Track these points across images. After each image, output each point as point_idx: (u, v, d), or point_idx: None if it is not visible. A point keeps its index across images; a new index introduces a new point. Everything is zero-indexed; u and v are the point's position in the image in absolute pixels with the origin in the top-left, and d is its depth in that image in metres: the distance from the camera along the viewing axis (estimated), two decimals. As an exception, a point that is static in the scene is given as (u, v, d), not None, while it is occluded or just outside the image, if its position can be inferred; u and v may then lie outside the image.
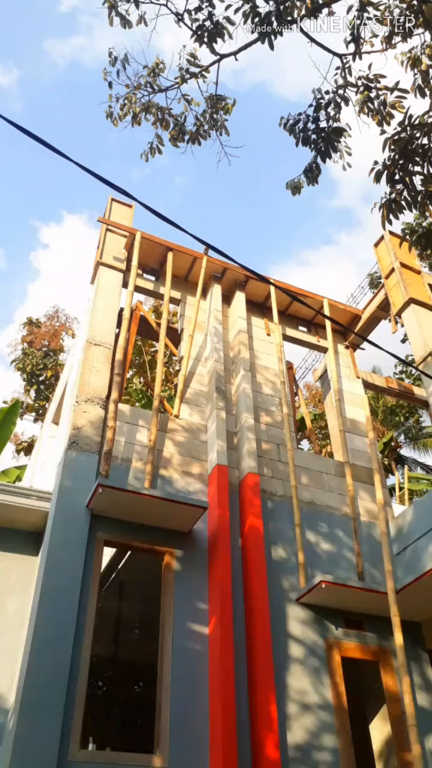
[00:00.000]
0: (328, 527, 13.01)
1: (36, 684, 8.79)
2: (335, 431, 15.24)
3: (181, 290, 15.55)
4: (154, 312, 31.23)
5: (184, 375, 13.78)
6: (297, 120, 10.23)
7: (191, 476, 12.34)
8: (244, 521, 11.94)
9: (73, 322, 39.06)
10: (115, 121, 11.85)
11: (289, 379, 16.23)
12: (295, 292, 15.99)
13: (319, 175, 10.35)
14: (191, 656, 10.22)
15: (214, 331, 14.57)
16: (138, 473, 11.79)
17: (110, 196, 16.01)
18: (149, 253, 15.34)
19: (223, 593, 10.62)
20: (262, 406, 14.16)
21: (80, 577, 9.95)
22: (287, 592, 11.70)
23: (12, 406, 21.83)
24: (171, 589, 10.76)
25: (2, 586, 10.81)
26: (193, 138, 11.96)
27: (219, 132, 12.03)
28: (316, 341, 16.78)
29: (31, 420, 35.91)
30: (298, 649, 11.12)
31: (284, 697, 10.45)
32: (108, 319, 13.65)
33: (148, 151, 11.94)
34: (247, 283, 15.91)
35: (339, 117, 10.26)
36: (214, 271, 15.72)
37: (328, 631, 11.63)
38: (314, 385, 37.32)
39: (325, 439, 31.86)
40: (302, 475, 13.50)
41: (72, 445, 11.37)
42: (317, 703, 10.68)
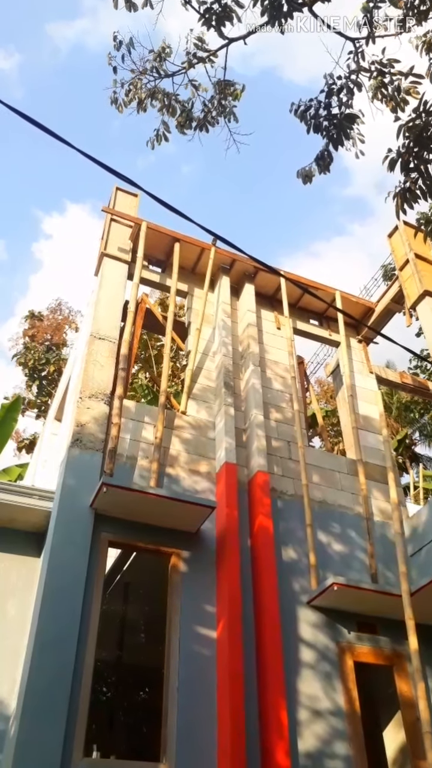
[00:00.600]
0: (341, 527, 13.01)
1: (38, 689, 8.80)
2: (348, 428, 15.22)
3: (188, 282, 15.56)
4: (160, 305, 31.22)
5: (192, 370, 13.77)
6: (308, 106, 10.21)
7: (198, 475, 12.34)
8: (253, 521, 11.93)
9: (77, 315, 39.13)
10: (120, 108, 11.84)
11: (300, 374, 16.21)
12: (306, 284, 15.99)
13: (330, 164, 10.33)
14: (198, 660, 10.22)
15: (222, 325, 14.57)
16: (143, 472, 11.80)
17: (115, 185, 16.02)
18: (155, 243, 15.33)
19: (232, 595, 10.62)
20: (272, 402, 14.16)
21: (83, 578, 9.96)
22: (298, 595, 11.70)
23: (13, 403, 21.88)
24: (177, 591, 10.76)
25: (3, 588, 10.82)
26: (201, 125, 11.94)
27: (227, 118, 12.01)
28: (328, 335, 16.76)
29: (32, 417, 36.01)
30: (309, 654, 11.12)
31: (295, 703, 10.44)
32: (112, 312, 13.66)
33: (154, 139, 11.92)
34: (256, 275, 15.89)
35: (351, 103, 10.23)
36: (222, 263, 15.70)
37: (340, 634, 11.63)
38: (326, 380, 37.30)
39: (338, 436, 31.81)
40: (314, 474, 13.49)
41: (75, 442, 11.37)
42: (329, 709, 10.68)
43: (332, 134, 10.17)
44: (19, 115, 6.34)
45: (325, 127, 10.19)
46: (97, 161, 6.77)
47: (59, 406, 17.01)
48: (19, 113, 6.36)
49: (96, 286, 14.30)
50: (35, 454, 20.37)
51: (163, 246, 15.47)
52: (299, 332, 16.44)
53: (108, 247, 14.66)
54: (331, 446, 28.11)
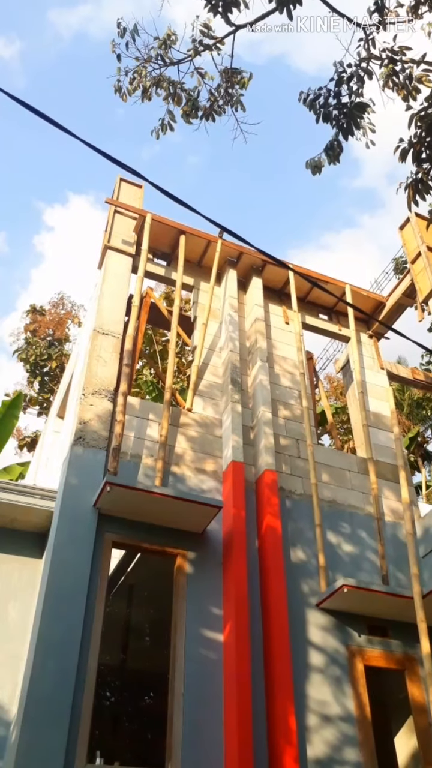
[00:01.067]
0: (351, 527, 13.00)
1: (40, 694, 8.79)
2: (358, 426, 15.21)
3: (194, 276, 15.54)
4: (165, 299, 31.26)
5: (198, 366, 13.76)
6: (317, 95, 10.21)
7: (205, 473, 12.33)
8: (261, 521, 11.92)
9: (80, 309, 39.18)
10: (124, 96, 11.85)
11: (309, 370, 16.19)
12: (315, 277, 15.97)
13: (340, 154, 10.33)
14: (205, 665, 10.22)
15: (229, 320, 14.55)
16: (148, 470, 11.79)
17: (118, 176, 16.00)
18: (160, 236, 15.32)
19: (239, 598, 10.61)
20: (281, 399, 14.14)
21: (87, 580, 9.95)
22: (307, 597, 11.69)
23: (14, 399, 21.91)
24: (183, 593, 10.76)
25: (4, 591, 10.82)
26: (207, 114, 11.94)
27: (234, 107, 12.01)
28: (338, 330, 16.74)
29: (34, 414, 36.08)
30: (319, 657, 11.11)
31: (304, 709, 10.43)
32: (116, 306, 13.65)
33: (159, 128, 11.93)
34: (264, 269, 15.87)
35: (362, 92, 10.23)
36: (229, 256, 15.69)
37: (350, 638, 11.62)
38: (336, 376, 37.34)
39: (348, 434, 31.83)
40: (323, 473, 13.47)
41: (78, 440, 11.37)
42: (339, 715, 10.68)
43: (342, 124, 10.17)
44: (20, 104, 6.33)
45: (334, 117, 10.19)
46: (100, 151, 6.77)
47: (61, 403, 17.01)
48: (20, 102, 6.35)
49: (99, 279, 14.30)
50: (37, 452, 20.38)
51: (169, 238, 15.45)
52: (308, 327, 16.42)
53: (112, 240, 14.65)
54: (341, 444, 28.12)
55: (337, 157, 10.32)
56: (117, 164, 6.80)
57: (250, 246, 7.92)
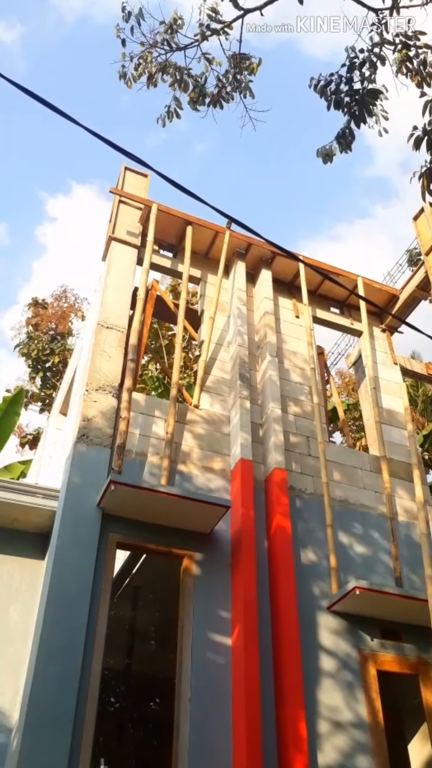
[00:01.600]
0: (363, 528, 12.99)
1: (42, 699, 8.79)
2: (370, 423, 15.20)
3: (201, 268, 15.53)
4: (171, 292, 31.20)
5: (205, 361, 13.75)
6: (328, 81, 10.20)
7: (212, 472, 12.32)
8: (270, 521, 11.92)
9: (83, 302, 39.18)
10: (129, 83, 11.84)
11: (320, 365, 16.18)
12: (326, 270, 15.94)
13: (352, 142, 10.32)
14: (212, 669, 10.21)
15: (237, 313, 14.54)
16: (154, 469, 11.79)
17: (123, 165, 15.99)
18: (166, 227, 15.30)
19: (248, 600, 10.60)
20: (291, 395, 14.14)
21: (90, 582, 9.95)
22: (318, 599, 11.68)
23: (15, 395, 21.89)
24: (190, 595, 10.75)
25: (5, 593, 10.83)
26: (215, 101, 11.93)
27: (243, 94, 12.00)
28: (350, 324, 16.72)
29: (36, 410, 36.08)
30: (330, 662, 11.10)
31: (314, 715, 10.42)
32: (121, 299, 13.64)
33: (165, 116, 11.93)
34: (273, 261, 15.86)
35: (374, 78, 10.22)
36: (237, 247, 15.68)
37: (362, 641, 11.61)
38: (347, 372, 37.27)
39: (360, 431, 31.80)
40: (334, 471, 13.46)
41: (81, 438, 11.37)
42: (351, 721, 10.67)
43: (354, 111, 10.15)
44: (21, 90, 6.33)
45: (346, 104, 10.18)
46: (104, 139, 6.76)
47: (64, 400, 17.03)
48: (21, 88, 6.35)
49: (103, 271, 14.30)
50: (39, 450, 20.42)
51: (175, 229, 15.43)
52: (319, 321, 16.40)
53: (116, 231, 14.64)
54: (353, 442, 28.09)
55: (349, 145, 10.31)
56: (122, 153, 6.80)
57: (259, 237, 7.92)
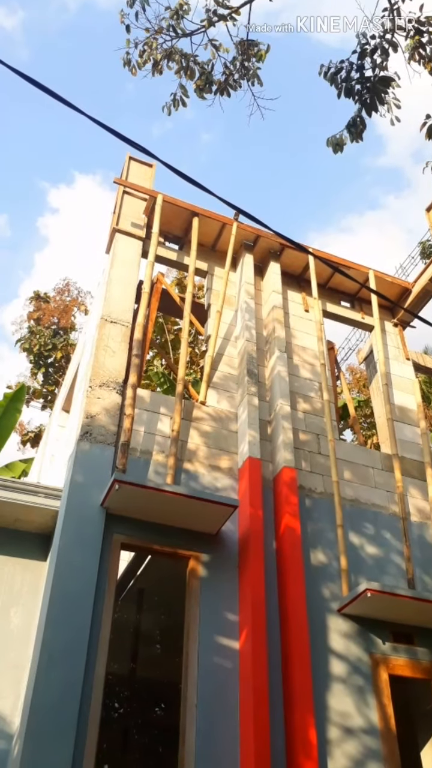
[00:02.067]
0: (374, 528, 12.97)
1: (44, 705, 8.78)
2: (382, 420, 15.18)
3: (207, 261, 15.51)
4: (177, 285, 31.23)
5: (212, 356, 13.74)
6: (339, 68, 10.18)
7: (219, 471, 12.32)
8: (279, 521, 11.91)
9: (86, 296, 39.22)
10: (134, 70, 11.83)
11: (330, 361, 16.17)
12: (336, 262, 15.92)
13: (363, 131, 10.31)
14: (219, 674, 10.20)
15: (245, 307, 14.52)
16: (159, 467, 11.80)
17: (128, 155, 15.99)
18: (172, 218, 15.29)
19: (256, 603, 10.59)
20: (300, 392, 14.12)
21: (94, 584, 9.95)
22: (328, 602, 11.66)
23: (17, 392, 21.91)
24: (196, 598, 10.75)
25: (6, 595, 10.82)
26: (222, 88, 11.91)
27: (251, 82, 11.97)
28: (361, 318, 16.70)
29: (38, 407, 36.14)
30: (340, 666, 11.09)
31: (324, 721, 10.41)
32: (125, 293, 13.64)
33: (171, 104, 11.91)
34: (282, 253, 15.84)
35: (386, 65, 10.19)
36: (245, 239, 15.66)
37: (373, 645, 11.59)
38: (358, 367, 37.27)
39: (371, 428, 31.79)
40: (345, 470, 13.45)
41: (84, 435, 11.37)
42: (362, 727, 10.66)
43: (365, 99, 10.14)
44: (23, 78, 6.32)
45: (357, 91, 10.16)
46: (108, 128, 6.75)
47: (67, 396, 17.03)
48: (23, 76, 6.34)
49: (107, 264, 14.29)
50: (41, 448, 20.42)
51: (181, 221, 15.43)
52: (329, 315, 16.38)
53: (120, 222, 14.64)
54: (364, 440, 28.09)
55: (360, 134, 10.30)
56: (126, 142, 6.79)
57: (268, 229, 7.91)
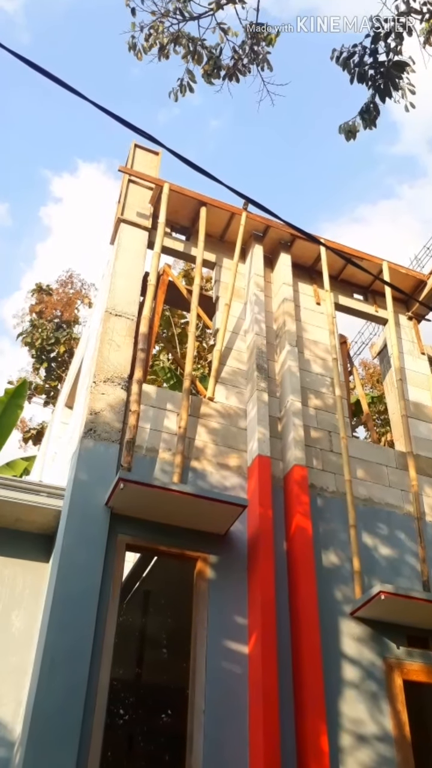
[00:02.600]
0: (388, 528, 12.96)
1: (46, 711, 8.78)
2: (396, 416, 15.16)
3: (216, 252, 15.51)
4: (184, 277, 31.24)
5: (220, 351, 13.72)
6: (351, 53, 10.16)
7: (228, 469, 12.31)
8: (289, 521, 11.91)
9: (90, 288, 39.25)
10: (139, 54, 11.81)
11: (343, 355, 16.17)
12: (349, 253, 15.90)
13: (377, 117, 10.29)
14: (228, 679, 10.19)
15: (254, 300, 14.51)
16: (166, 466, 11.80)
17: (133, 142, 15.97)
18: (179, 208, 15.28)
19: (265, 605, 10.59)
20: (311, 387, 14.11)
21: (98, 586, 9.95)
22: (340, 605, 11.65)
23: (18, 388, 21.91)
24: (204, 600, 10.74)
25: (7, 598, 10.81)
26: (230, 74, 11.89)
27: (260, 67, 11.95)
28: (374, 311, 16.68)
29: (40, 403, 36.16)
30: (353, 671, 11.07)
31: (337, 727, 10.39)
32: (130, 285, 13.63)
33: (178, 89, 11.89)
34: (293, 244, 15.82)
35: (401, 49, 10.17)
36: (254, 230, 15.64)
37: (387, 650, 11.58)
38: (372, 362, 37.23)
39: (385, 425, 31.78)
40: (358, 468, 13.43)
41: (88, 432, 11.37)
42: (375, 735, 10.65)
43: (379, 84, 10.11)
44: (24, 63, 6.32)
45: (370, 77, 10.14)
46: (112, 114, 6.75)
47: (70, 392, 17.05)
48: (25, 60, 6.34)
49: (112, 255, 14.29)
50: (43, 445, 20.45)
51: (188, 210, 15.41)
52: (342, 308, 16.36)
53: (125, 212, 14.63)
54: (378, 437, 28.08)
55: (374, 121, 10.28)
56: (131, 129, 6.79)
57: (278, 219, 7.90)
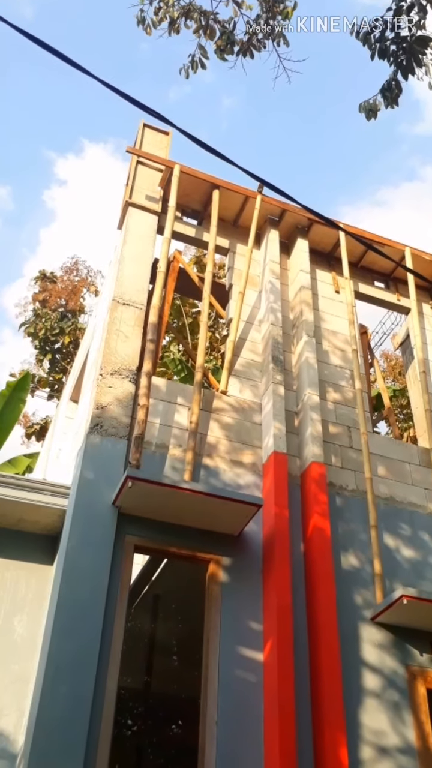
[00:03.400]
0: (411, 529, 12.94)
1: (50, 722, 8.78)
2: (420, 411, 15.13)
3: (229, 237, 15.49)
4: (196, 264, 31.25)
5: (233, 342, 13.71)
6: (372, 27, 10.12)
7: (242, 466, 12.31)
8: (307, 522, 11.90)
9: (97, 276, 39.29)
10: (148, 29, 11.80)
11: (363, 346, 16.14)
12: (370, 239, 15.86)
13: (399, 95, 10.25)
14: (242, 688, 10.19)
15: (270, 288, 14.49)
16: (176, 463, 11.80)
17: (142, 121, 15.98)
18: (190, 191, 15.26)
19: (281, 610, 10.57)
20: (330, 380, 14.08)
21: (105, 590, 9.96)
22: (360, 610, 11.64)
23: (20, 381, 21.87)
24: (217, 605, 10.74)
25: (9, 602, 10.82)
26: (245, 49, 11.86)
27: (276, 42, 11.91)
28: (396, 300, 16.65)
29: (44, 397, 36.19)
30: (374, 680, 11.06)
31: (356, 739, 10.37)
32: (139, 272, 13.63)
33: (189, 66, 11.87)
34: (310, 229, 15.80)
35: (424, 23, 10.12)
36: (270, 214, 15.62)
37: (410, 657, 11.56)
38: (393, 354, 37.18)
39: (408, 420, 31.74)
40: (379, 465, 13.42)
41: (94, 428, 11.38)
42: (397, 746, 10.64)
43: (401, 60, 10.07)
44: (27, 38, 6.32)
45: (392, 52, 10.10)
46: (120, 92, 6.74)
47: (75, 385, 17.07)
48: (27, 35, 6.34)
49: (119, 241, 14.29)
50: (47, 441, 20.50)
51: (200, 194, 15.39)
52: (362, 296, 16.34)
53: (134, 195, 14.62)
54: (400, 433, 28.04)
55: (396, 99, 10.24)
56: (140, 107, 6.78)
57: (295, 202, 7.88)
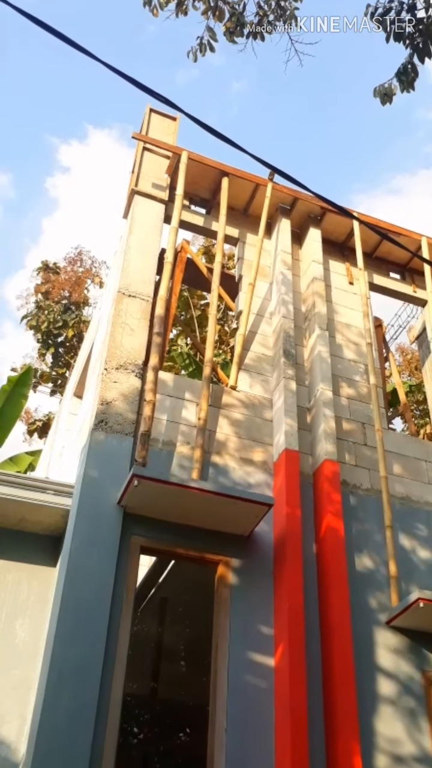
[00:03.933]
0: (428, 529, 12.93)
1: (53, 729, 8.77)
2: (437, 407, 15.14)
3: (239, 226, 15.48)
4: (204, 254, 31.24)
5: (243, 335, 13.69)
6: (388, 8, 10.12)
7: (252, 464, 12.30)
8: (319, 522, 11.90)
9: (101, 267, 39.31)
10: (155, 10, 11.78)
11: (378, 340, 16.13)
12: (385, 228, 15.85)
13: (415, 79, 10.25)
14: (252, 694, 10.19)
15: (281, 279, 14.47)
16: (184, 461, 11.80)
17: (148, 106, 15.97)
18: (198, 178, 15.25)
19: (293, 614, 10.57)
20: (344, 375, 14.07)
21: (110, 592, 9.96)
22: (375, 613, 11.63)
23: (22, 375, 21.89)
24: (226, 608, 10.74)
25: (11, 605, 10.82)
26: (255, 32, 11.85)
27: (287, 24, 11.91)
28: (412, 292, 16.62)
29: (46, 392, 36.21)
30: (389, 686, 11.06)
31: (371, 748, 10.37)
32: (145, 263, 13.63)
33: (197, 49, 11.86)
34: (323, 218, 15.79)
35: (442, 5, 10.13)
36: (281, 202, 15.60)
37: (427, 662, 11.55)
38: (409, 347, 37.15)
39: (424, 416, 31.74)
40: (394, 463, 13.42)
41: (99, 424, 11.38)
42: (413, 755, 10.62)
43: (417, 43, 10.07)
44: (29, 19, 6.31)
45: (408, 35, 10.10)
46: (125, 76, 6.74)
47: (79, 380, 17.08)
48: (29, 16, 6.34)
49: (125, 230, 14.29)
50: (50, 438, 20.54)
51: (209, 181, 15.39)
52: (377, 288, 16.32)
53: (140, 183, 14.61)
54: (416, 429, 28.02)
55: (412, 83, 10.24)
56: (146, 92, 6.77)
57: (307, 190, 7.88)
